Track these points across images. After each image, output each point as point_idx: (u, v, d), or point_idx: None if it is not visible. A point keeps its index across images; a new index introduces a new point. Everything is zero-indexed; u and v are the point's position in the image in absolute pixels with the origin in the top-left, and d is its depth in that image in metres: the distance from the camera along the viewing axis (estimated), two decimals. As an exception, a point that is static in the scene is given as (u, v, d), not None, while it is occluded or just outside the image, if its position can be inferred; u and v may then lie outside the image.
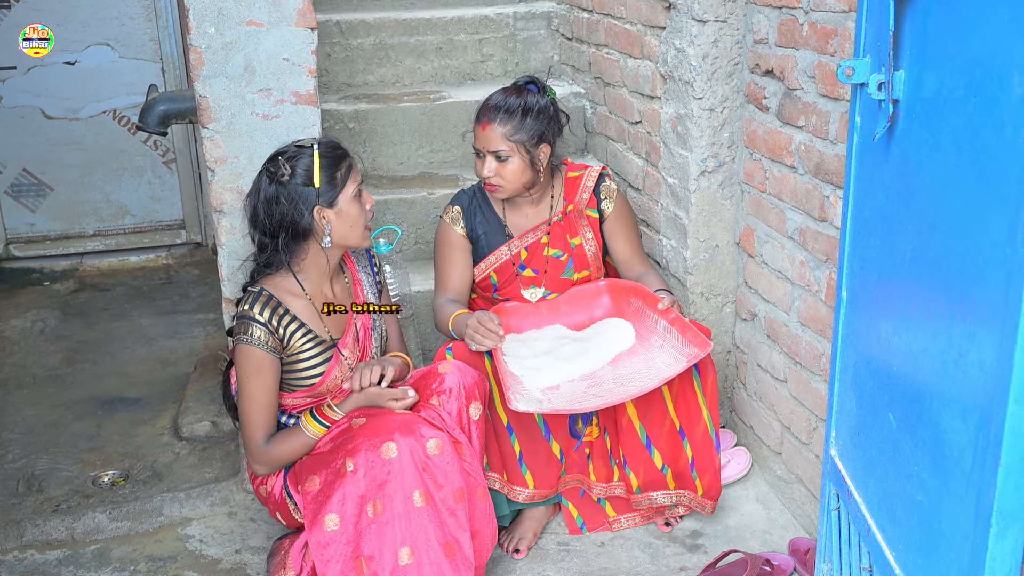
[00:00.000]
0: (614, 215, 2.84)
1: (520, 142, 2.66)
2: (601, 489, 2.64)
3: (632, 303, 2.71)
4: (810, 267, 2.42)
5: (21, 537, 2.66)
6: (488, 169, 2.69)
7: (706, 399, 2.57)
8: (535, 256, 2.81)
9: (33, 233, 5.01)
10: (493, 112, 2.68)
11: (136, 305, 4.46)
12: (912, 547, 1.52)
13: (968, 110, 1.29)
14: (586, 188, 2.83)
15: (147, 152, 5.03)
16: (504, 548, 2.57)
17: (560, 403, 2.45)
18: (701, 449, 2.57)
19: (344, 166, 2.39)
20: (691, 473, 2.58)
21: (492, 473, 2.54)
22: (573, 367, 2.56)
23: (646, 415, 2.56)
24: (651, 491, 2.59)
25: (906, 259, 1.51)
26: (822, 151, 2.31)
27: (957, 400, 1.34)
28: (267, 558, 2.51)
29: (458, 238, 2.82)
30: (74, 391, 3.57)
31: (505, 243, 2.81)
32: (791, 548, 2.51)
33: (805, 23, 2.32)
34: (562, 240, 2.82)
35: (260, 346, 2.34)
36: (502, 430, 2.56)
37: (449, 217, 2.84)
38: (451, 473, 2.24)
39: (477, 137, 2.71)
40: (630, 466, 2.58)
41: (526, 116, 2.67)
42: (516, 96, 2.71)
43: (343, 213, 2.37)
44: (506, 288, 2.82)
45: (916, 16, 1.45)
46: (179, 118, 3.24)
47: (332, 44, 3.70)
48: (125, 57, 4.85)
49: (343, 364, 2.44)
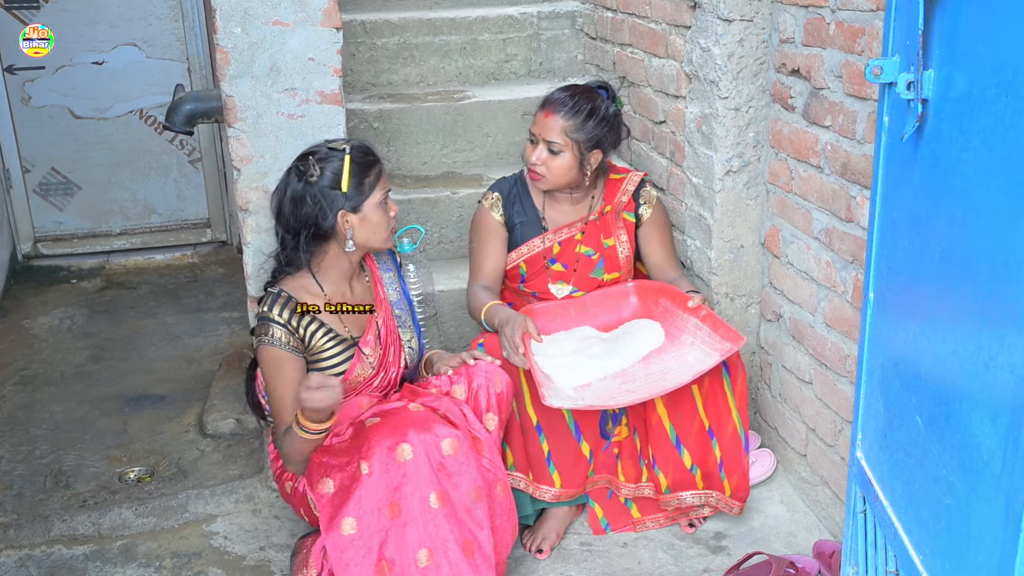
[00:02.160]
0: (651, 220, 2.84)
1: (576, 141, 2.67)
2: (629, 490, 2.64)
3: (660, 303, 2.71)
4: (836, 268, 2.41)
5: (48, 532, 2.68)
6: (537, 156, 2.70)
7: (736, 399, 2.56)
8: (567, 251, 2.81)
9: (61, 231, 5.06)
10: (561, 104, 2.69)
11: (162, 303, 4.49)
12: (940, 551, 1.50)
13: (999, 110, 1.27)
14: (626, 191, 2.84)
15: (173, 151, 5.07)
16: (527, 548, 2.57)
17: (593, 399, 2.45)
18: (730, 449, 2.56)
19: (373, 172, 2.39)
20: (719, 473, 2.57)
21: (517, 473, 2.54)
22: (603, 365, 2.56)
23: (676, 414, 2.56)
24: (680, 491, 2.59)
25: (935, 260, 1.49)
26: (849, 151, 2.29)
27: (987, 403, 1.32)
28: (290, 556, 2.52)
29: (495, 224, 2.82)
30: (101, 388, 3.61)
31: (539, 235, 2.81)
32: (816, 551, 2.50)
33: (832, 22, 2.31)
34: (595, 239, 2.82)
35: (281, 346, 2.35)
36: (531, 429, 2.55)
37: (488, 203, 2.84)
38: (467, 471, 2.24)
39: (536, 122, 2.72)
40: (659, 466, 2.58)
41: (590, 118, 2.68)
42: (586, 96, 2.71)
43: (367, 219, 2.38)
44: (534, 280, 2.82)
45: (946, 15, 1.44)
46: (205, 118, 3.26)
47: (357, 44, 3.71)
48: (152, 57, 4.90)
49: (365, 362, 2.45)
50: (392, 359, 2.50)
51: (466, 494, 2.23)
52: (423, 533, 2.18)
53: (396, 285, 2.59)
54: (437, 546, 2.18)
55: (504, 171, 3.47)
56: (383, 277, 2.58)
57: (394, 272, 2.60)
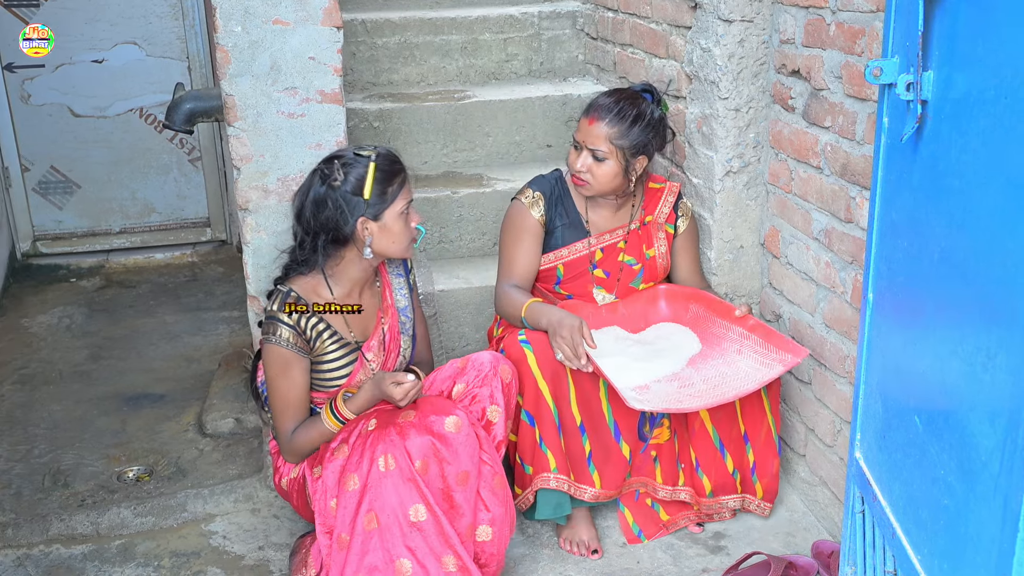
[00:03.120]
0: (686, 233, 2.82)
1: (621, 148, 2.61)
2: (667, 492, 2.63)
3: (691, 309, 2.71)
4: (835, 268, 2.41)
5: (47, 531, 2.68)
6: (582, 164, 2.64)
7: (771, 403, 2.57)
8: (610, 259, 2.77)
9: (60, 230, 5.06)
10: (605, 111, 2.62)
11: (161, 302, 4.49)
12: (938, 551, 1.50)
13: (998, 111, 1.28)
14: (667, 202, 2.80)
15: (173, 150, 5.07)
16: (569, 548, 2.57)
17: (658, 403, 2.42)
18: (763, 453, 2.59)
19: (397, 181, 2.38)
20: (752, 477, 2.60)
21: (560, 475, 2.52)
22: (652, 368, 2.55)
23: (718, 419, 2.56)
24: (722, 495, 2.61)
25: (934, 261, 1.49)
26: (848, 152, 2.29)
27: (985, 404, 1.33)
28: (289, 556, 2.52)
29: (534, 223, 2.74)
30: (100, 387, 3.60)
31: (583, 239, 2.76)
32: (814, 551, 2.50)
33: (832, 23, 2.31)
34: (637, 249, 2.78)
35: (287, 346, 2.35)
36: (574, 429, 2.54)
37: (528, 200, 2.75)
38: (462, 454, 2.26)
39: (580, 129, 2.66)
40: (703, 469, 2.59)
41: (635, 124, 2.62)
42: (631, 102, 2.65)
43: (386, 228, 2.36)
44: (571, 283, 2.77)
45: (945, 16, 1.44)
46: (205, 116, 3.25)
47: (357, 43, 3.71)
48: (152, 55, 4.89)
49: (367, 367, 2.45)
50: (391, 365, 2.50)
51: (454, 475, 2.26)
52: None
53: (405, 291, 2.58)
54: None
55: (504, 171, 3.48)
56: (393, 282, 2.57)
57: (404, 278, 2.59)
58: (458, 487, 2.24)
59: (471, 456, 2.26)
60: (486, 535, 2.30)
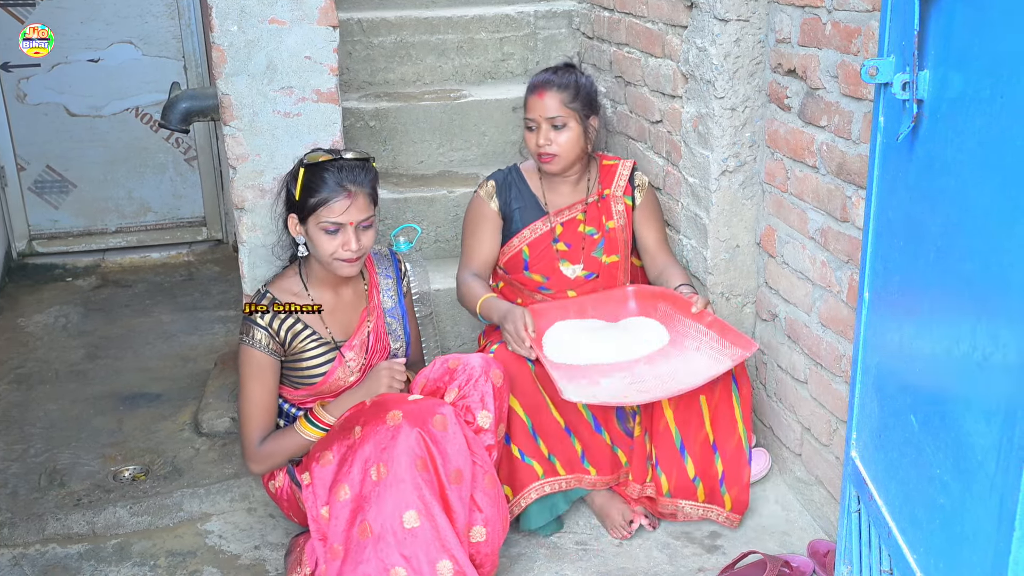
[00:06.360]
0: (644, 204, 2.91)
1: (576, 110, 2.76)
2: (635, 489, 2.65)
3: (659, 308, 2.75)
4: (831, 267, 2.41)
5: (43, 531, 2.68)
6: (544, 139, 2.76)
7: (742, 411, 2.58)
8: (570, 231, 2.86)
9: (56, 229, 5.05)
10: (549, 83, 2.78)
11: (157, 301, 4.48)
12: (934, 550, 1.50)
13: (994, 110, 1.28)
14: (622, 176, 2.91)
15: (169, 149, 5.06)
16: (615, 534, 2.60)
17: (606, 396, 2.48)
18: (732, 463, 2.59)
19: (330, 195, 2.33)
20: (720, 488, 2.60)
21: (548, 478, 2.55)
22: (609, 348, 2.60)
23: (683, 422, 2.58)
24: (680, 498, 2.61)
25: (930, 260, 1.49)
26: (844, 151, 2.29)
27: (981, 402, 1.33)
28: (284, 555, 2.52)
29: (491, 212, 2.87)
30: (96, 386, 3.60)
31: (541, 218, 2.86)
32: (810, 550, 2.50)
33: (828, 22, 2.31)
34: (597, 220, 2.87)
35: (261, 349, 2.38)
36: (560, 432, 2.58)
37: (484, 191, 2.89)
38: (453, 448, 2.26)
39: (532, 107, 2.78)
40: (662, 467, 2.59)
41: (579, 88, 2.78)
42: (566, 70, 2.83)
43: (309, 234, 2.39)
44: (538, 264, 2.85)
45: (941, 15, 1.44)
46: (201, 116, 3.25)
47: (353, 42, 3.71)
48: (148, 55, 4.88)
49: (347, 366, 2.46)
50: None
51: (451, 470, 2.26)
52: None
53: (393, 292, 2.59)
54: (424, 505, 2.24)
55: (501, 170, 3.48)
56: (381, 283, 2.57)
57: (393, 279, 2.59)
58: (452, 485, 2.24)
59: (461, 452, 2.26)
60: (480, 536, 2.30)
